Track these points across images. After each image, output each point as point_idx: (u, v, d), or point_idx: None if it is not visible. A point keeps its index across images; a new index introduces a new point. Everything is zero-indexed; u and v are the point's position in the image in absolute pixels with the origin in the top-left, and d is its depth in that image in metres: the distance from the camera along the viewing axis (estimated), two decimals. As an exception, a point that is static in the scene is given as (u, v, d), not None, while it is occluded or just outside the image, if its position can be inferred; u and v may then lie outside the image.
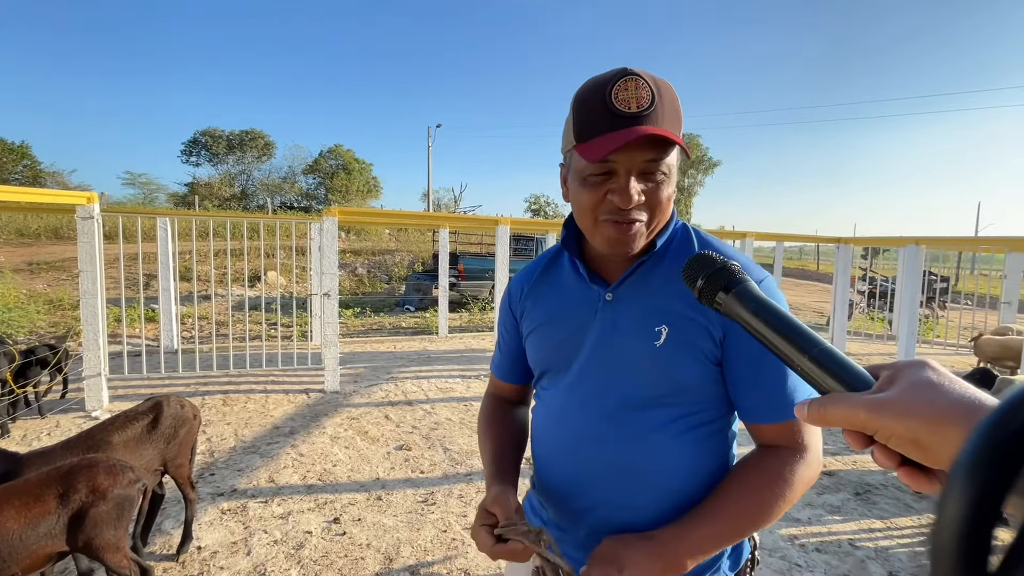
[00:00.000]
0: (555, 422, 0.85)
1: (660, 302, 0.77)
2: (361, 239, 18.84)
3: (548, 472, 0.87)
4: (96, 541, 1.66)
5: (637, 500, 0.78)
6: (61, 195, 4.33)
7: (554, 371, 0.86)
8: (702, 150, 35.45)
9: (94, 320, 4.02)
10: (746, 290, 0.48)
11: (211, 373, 5.16)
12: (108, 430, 2.15)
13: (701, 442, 0.78)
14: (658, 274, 0.79)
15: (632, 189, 0.70)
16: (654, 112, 0.68)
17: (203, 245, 10.47)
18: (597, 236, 0.76)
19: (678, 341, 0.75)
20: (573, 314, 0.83)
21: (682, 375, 0.75)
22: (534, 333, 0.88)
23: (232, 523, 2.59)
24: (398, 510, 2.76)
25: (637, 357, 0.77)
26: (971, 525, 0.22)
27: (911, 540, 2.59)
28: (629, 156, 0.69)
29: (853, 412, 0.35)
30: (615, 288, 0.80)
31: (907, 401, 0.33)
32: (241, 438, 3.67)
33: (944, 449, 0.31)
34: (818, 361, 0.40)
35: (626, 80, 0.68)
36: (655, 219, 0.75)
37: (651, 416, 0.77)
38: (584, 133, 0.70)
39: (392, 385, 5.10)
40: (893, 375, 0.36)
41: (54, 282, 10.79)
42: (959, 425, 0.30)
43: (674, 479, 0.77)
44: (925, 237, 6.46)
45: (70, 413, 4.04)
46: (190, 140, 30.52)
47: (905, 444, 0.33)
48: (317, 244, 5.85)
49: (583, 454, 0.81)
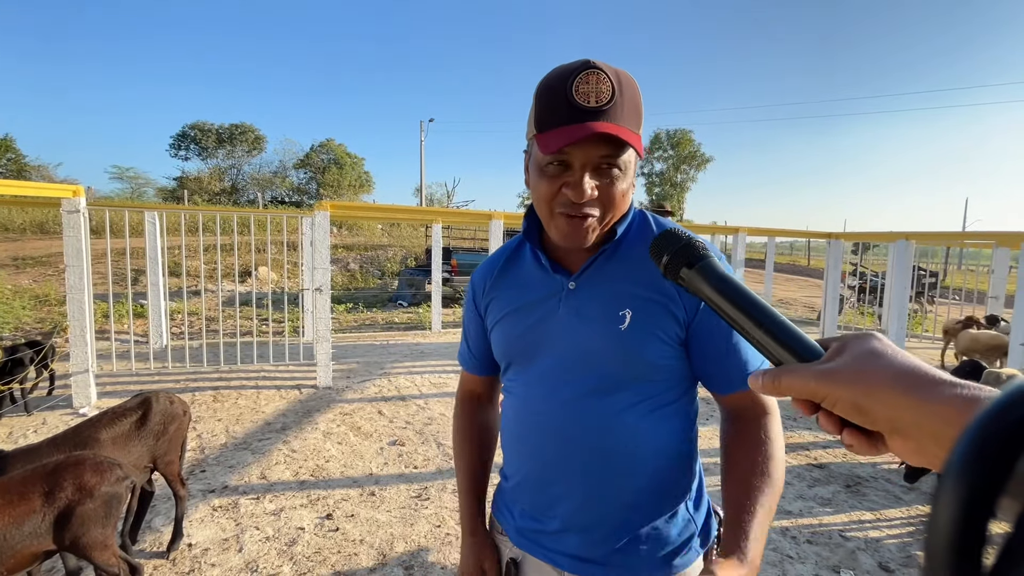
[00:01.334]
0: (524, 413, 0.86)
1: (622, 287, 0.79)
2: (353, 234, 18.73)
3: (519, 463, 0.88)
4: (83, 539, 1.63)
5: (609, 485, 0.79)
6: (46, 188, 4.26)
7: (520, 362, 0.87)
8: (694, 146, 35.54)
9: (81, 315, 3.96)
10: (708, 265, 0.50)
11: (201, 369, 5.11)
12: (96, 427, 2.11)
13: (668, 420, 0.81)
14: (618, 260, 0.81)
15: (585, 184, 0.71)
16: (613, 107, 0.69)
17: (193, 240, 10.35)
18: (552, 227, 0.78)
19: (641, 323, 0.77)
20: (537, 304, 0.84)
21: (647, 356, 0.77)
22: (499, 325, 0.89)
23: (223, 520, 2.57)
24: (392, 505, 2.75)
25: (603, 342, 0.78)
26: (965, 523, 0.22)
27: (900, 531, 2.62)
28: (584, 151, 0.70)
29: (803, 381, 0.37)
30: (577, 277, 0.82)
31: (853, 369, 0.35)
32: (232, 434, 3.63)
33: (882, 412, 0.34)
34: (772, 333, 0.42)
35: (587, 73, 0.68)
36: (608, 214, 0.76)
37: (618, 399, 0.79)
38: (543, 123, 0.71)
39: (385, 380, 5.08)
40: (841, 347, 0.38)
41: (40, 277, 10.63)
42: (898, 391, 0.33)
43: (645, 460, 0.79)
44: (914, 232, 6.52)
45: (57, 410, 3.98)
46: (179, 134, 30.07)
47: (849, 410, 0.35)
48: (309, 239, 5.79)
49: (553, 442, 0.82)
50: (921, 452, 0.33)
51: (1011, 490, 0.22)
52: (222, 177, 30.08)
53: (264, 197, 28.59)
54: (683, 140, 35.39)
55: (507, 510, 0.92)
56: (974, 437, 0.23)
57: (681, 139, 35.37)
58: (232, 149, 30.26)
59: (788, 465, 3.34)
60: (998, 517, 0.22)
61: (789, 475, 3.18)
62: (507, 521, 0.91)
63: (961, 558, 0.22)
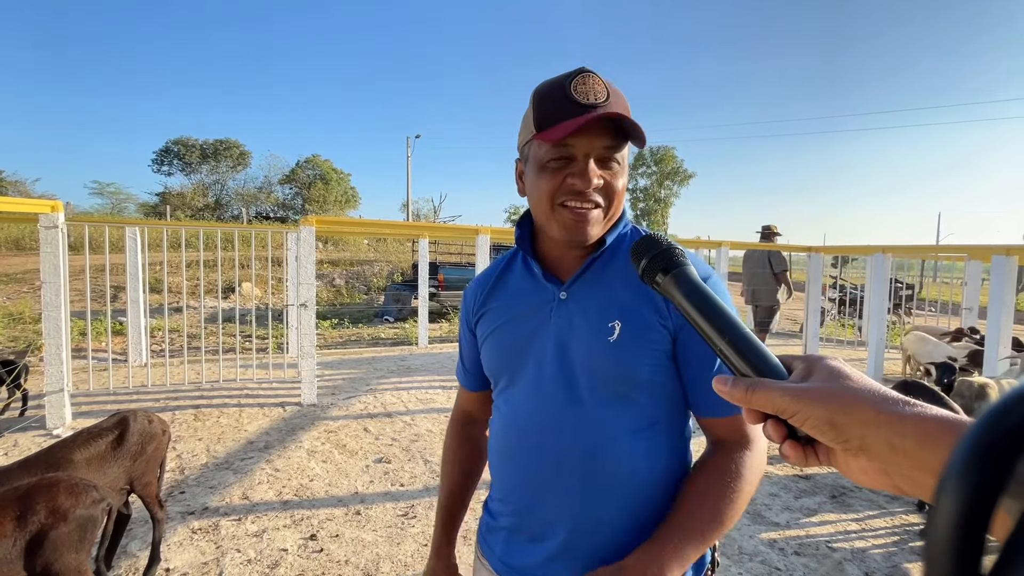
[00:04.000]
0: (511, 429, 0.84)
1: (613, 297, 0.78)
2: (339, 249, 18.61)
3: (509, 481, 0.85)
4: (56, 565, 1.57)
5: (600, 509, 0.77)
6: (23, 203, 4.17)
7: (510, 376, 0.85)
8: (677, 162, 36.23)
9: (57, 333, 3.85)
10: (683, 273, 0.51)
11: (182, 387, 4.99)
12: (70, 447, 2.05)
13: (660, 439, 0.79)
14: (611, 270, 0.80)
15: (591, 170, 0.73)
16: (609, 104, 0.72)
17: (175, 256, 10.18)
18: (554, 223, 0.77)
19: (632, 335, 0.75)
20: (528, 315, 0.83)
21: (637, 370, 0.76)
22: (489, 338, 0.87)
23: (203, 543, 2.49)
24: (378, 524, 2.69)
25: (593, 355, 0.77)
26: (964, 527, 0.22)
27: (885, 540, 2.64)
28: (588, 141, 0.73)
29: (779, 397, 0.38)
30: (568, 286, 0.81)
31: (827, 389, 0.37)
32: (213, 454, 3.54)
33: (856, 429, 0.35)
34: (736, 346, 0.43)
35: (584, 76, 0.73)
36: (611, 207, 0.77)
37: (610, 415, 0.77)
38: (544, 122, 0.73)
39: (371, 397, 5.01)
40: (809, 367, 0.40)
41: (14, 295, 10.33)
42: (876, 409, 0.35)
43: (638, 483, 0.77)
44: (891, 246, 6.70)
45: (29, 431, 3.85)
46: (162, 149, 29.82)
47: (821, 425, 0.36)
48: (294, 254, 5.74)
49: (541, 461, 0.79)
50: (887, 473, 0.35)
51: (1011, 491, 0.22)
52: (206, 193, 29.80)
53: (249, 213, 28.32)
54: (666, 156, 36.11)
55: (492, 539, 0.89)
56: (975, 439, 0.23)
57: (664, 155, 36.08)
58: (216, 164, 30.06)
59: (775, 477, 3.37)
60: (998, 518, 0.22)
61: (776, 487, 3.20)
62: (491, 552, 0.88)
63: (961, 560, 0.22)
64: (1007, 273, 4.89)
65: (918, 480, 0.33)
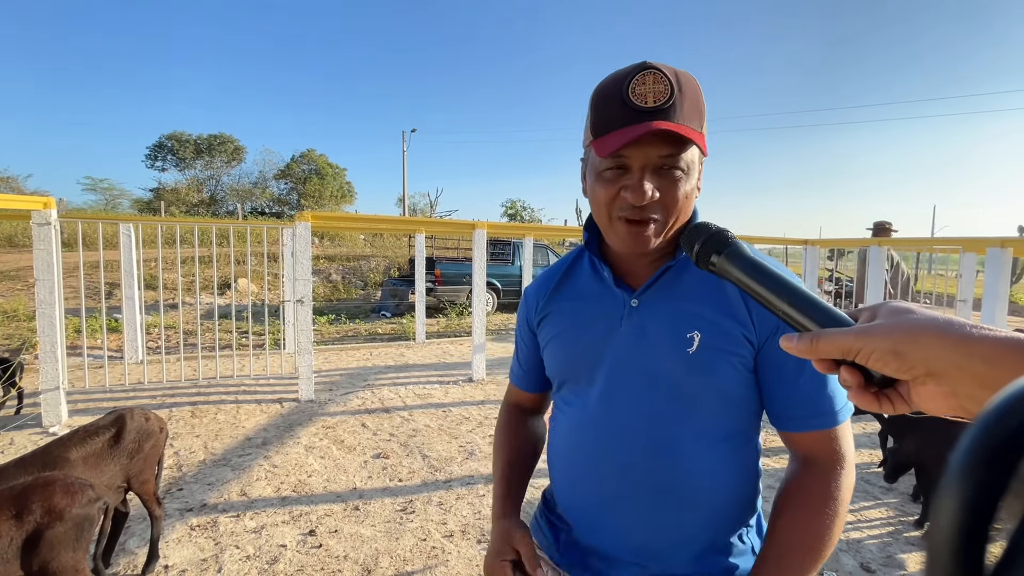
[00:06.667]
0: (580, 437, 0.81)
1: (690, 308, 0.75)
2: (335, 245, 18.54)
3: (571, 490, 0.83)
4: (53, 565, 1.57)
5: (674, 518, 0.75)
6: (15, 200, 4.13)
7: (577, 381, 0.82)
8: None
9: (51, 331, 3.83)
10: (735, 250, 0.52)
11: (179, 384, 4.97)
12: (66, 446, 2.04)
13: (735, 452, 0.77)
14: (686, 280, 0.77)
15: (645, 186, 0.68)
16: (672, 107, 0.66)
17: (170, 252, 10.12)
18: (612, 234, 0.75)
19: (712, 347, 0.72)
20: (596, 321, 0.80)
21: (718, 382, 0.73)
22: (553, 341, 0.85)
23: (202, 539, 2.49)
24: (376, 520, 2.70)
25: (670, 365, 0.74)
26: (967, 524, 0.22)
27: (880, 531, 2.67)
28: (643, 152, 0.68)
29: (841, 339, 0.39)
30: (640, 294, 0.78)
31: (890, 324, 0.38)
32: (211, 451, 3.54)
33: (920, 356, 0.36)
34: (803, 309, 0.44)
35: (644, 74, 0.66)
36: (672, 217, 0.72)
37: (685, 427, 0.74)
38: (599, 128, 0.70)
39: (368, 392, 5.01)
40: (873, 313, 0.41)
41: (8, 292, 10.26)
42: (940, 334, 0.35)
43: (711, 492, 0.75)
44: (886, 238, 6.72)
45: (25, 429, 3.83)
46: (156, 144, 29.48)
47: (886, 356, 0.37)
48: (290, 250, 5.72)
49: (614, 470, 0.77)
50: (954, 395, 0.36)
51: (1015, 490, 0.22)
52: (200, 188, 29.55)
53: (244, 208, 28.16)
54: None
55: (551, 535, 0.87)
56: (978, 436, 0.23)
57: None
58: (211, 160, 29.78)
59: (771, 469, 3.39)
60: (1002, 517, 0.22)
61: (772, 479, 3.22)
62: (549, 545, 0.86)
63: (963, 558, 0.22)
64: (1002, 265, 4.91)
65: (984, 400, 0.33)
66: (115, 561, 2.27)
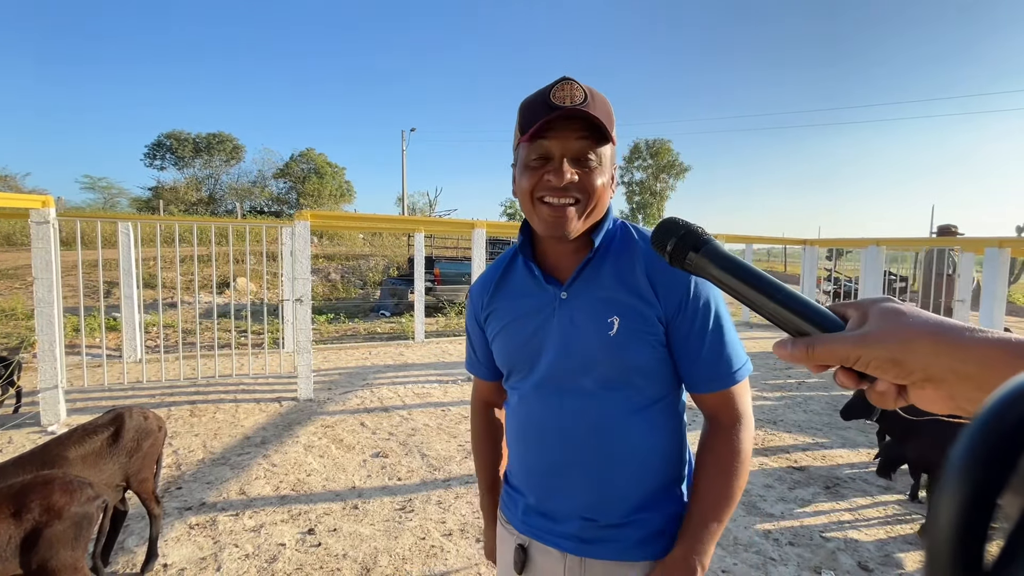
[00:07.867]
0: (528, 417, 0.93)
1: (610, 295, 0.85)
2: (334, 244, 18.53)
3: (526, 463, 0.95)
4: (52, 563, 1.57)
5: (610, 478, 0.87)
6: (13, 199, 4.12)
7: (521, 369, 0.93)
8: (673, 155, 36.16)
9: (50, 329, 3.83)
10: (713, 248, 0.51)
11: (178, 383, 4.97)
12: (65, 444, 2.04)
13: (658, 416, 0.88)
14: (605, 269, 0.87)
15: (565, 167, 0.79)
16: (586, 106, 0.78)
17: (168, 251, 10.11)
18: (536, 218, 0.85)
19: (629, 329, 0.83)
20: (533, 314, 0.91)
21: (636, 359, 0.84)
22: (499, 335, 0.95)
23: (200, 538, 2.50)
24: (375, 519, 2.70)
25: (595, 348, 0.84)
26: (966, 522, 0.22)
27: (878, 530, 2.67)
28: (563, 142, 0.79)
29: (838, 347, 0.39)
30: (568, 287, 0.88)
31: (885, 330, 0.38)
32: (210, 449, 3.54)
33: (918, 362, 0.36)
34: (787, 305, 0.43)
35: (563, 83, 0.79)
36: (589, 203, 0.83)
37: (614, 400, 0.86)
38: (527, 125, 0.80)
39: (367, 391, 5.01)
40: (863, 313, 0.41)
41: (7, 291, 10.25)
42: (934, 340, 0.36)
43: (641, 452, 0.87)
44: (885, 238, 6.74)
45: (24, 428, 3.83)
46: (154, 143, 29.42)
47: (884, 365, 0.38)
48: (289, 249, 5.71)
49: (557, 443, 0.89)
50: (951, 398, 0.36)
51: (1014, 487, 0.21)
52: (199, 187, 29.50)
53: (243, 207, 28.11)
54: (662, 150, 36.00)
55: (513, 505, 0.99)
56: (977, 434, 0.23)
57: (660, 149, 35.97)
58: (209, 159, 29.73)
59: (770, 468, 3.40)
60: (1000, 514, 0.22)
61: (770, 478, 3.23)
62: (513, 515, 0.98)
63: (962, 556, 0.22)
64: (1000, 265, 4.93)
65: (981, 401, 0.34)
66: (114, 559, 2.27)
